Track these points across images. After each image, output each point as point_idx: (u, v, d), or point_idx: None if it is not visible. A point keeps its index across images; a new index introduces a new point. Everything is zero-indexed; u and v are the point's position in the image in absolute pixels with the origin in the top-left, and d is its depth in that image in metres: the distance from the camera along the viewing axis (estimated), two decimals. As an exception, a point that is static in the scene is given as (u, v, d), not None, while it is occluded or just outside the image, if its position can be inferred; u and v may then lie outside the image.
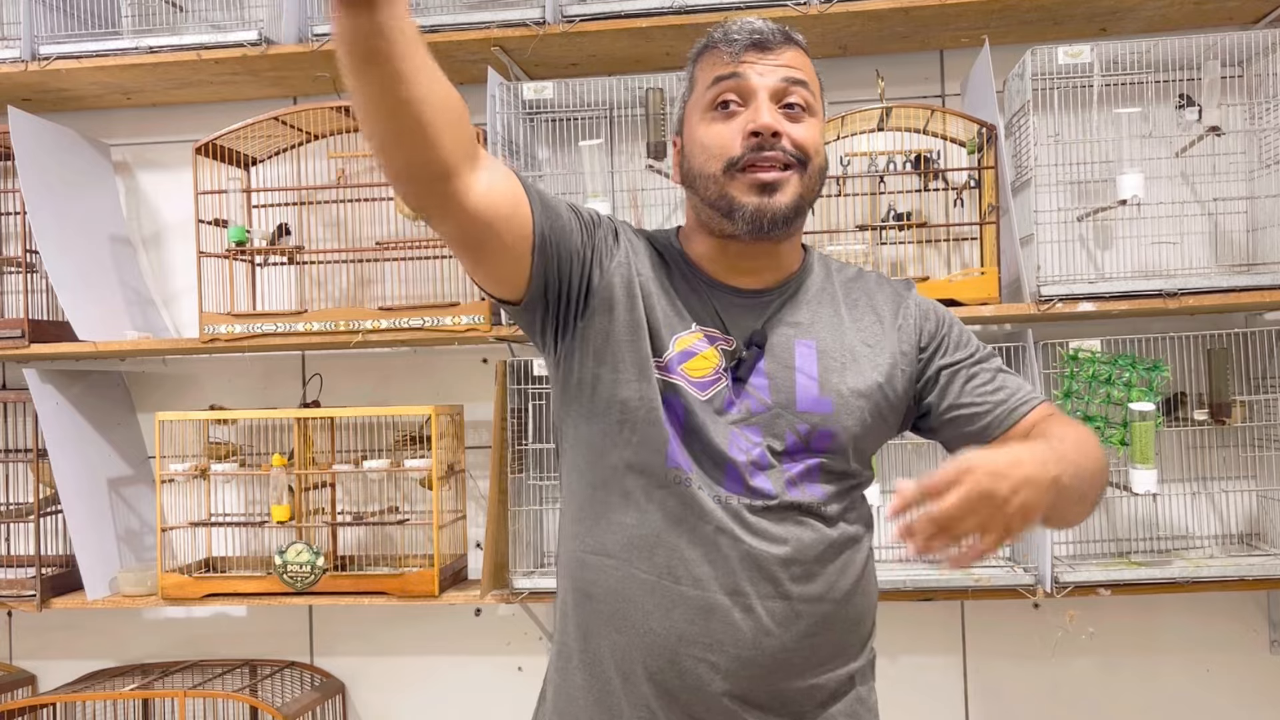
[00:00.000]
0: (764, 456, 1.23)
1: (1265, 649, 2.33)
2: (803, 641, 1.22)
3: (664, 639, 1.21)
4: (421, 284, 2.43)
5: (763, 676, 1.21)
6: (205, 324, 2.28)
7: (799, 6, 2.12)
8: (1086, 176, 2.27)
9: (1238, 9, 2.21)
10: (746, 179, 1.23)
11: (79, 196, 2.46)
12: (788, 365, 1.26)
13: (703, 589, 1.20)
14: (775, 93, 1.25)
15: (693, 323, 1.27)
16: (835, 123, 2.19)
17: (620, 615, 1.23)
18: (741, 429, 1.23)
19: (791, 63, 1.27)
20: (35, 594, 2.32)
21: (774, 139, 1.22)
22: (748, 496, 1.22)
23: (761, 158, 1.22)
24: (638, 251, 1.30)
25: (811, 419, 1.24)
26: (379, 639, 2.54)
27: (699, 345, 1.26)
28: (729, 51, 1.26)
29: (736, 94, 1.25)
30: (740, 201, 1.23)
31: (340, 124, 2.39)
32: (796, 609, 1.21)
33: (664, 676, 1.21)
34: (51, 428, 2.33)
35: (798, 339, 1.28)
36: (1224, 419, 2.19)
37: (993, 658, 2.39)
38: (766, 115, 1.22)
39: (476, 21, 2.20)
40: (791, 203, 1.24)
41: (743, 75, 1.25)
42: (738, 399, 1.24)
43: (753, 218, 1.23)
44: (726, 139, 1.24)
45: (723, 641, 1.20)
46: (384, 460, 2.36)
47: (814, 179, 1.27)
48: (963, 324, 1.37)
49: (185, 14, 2.55)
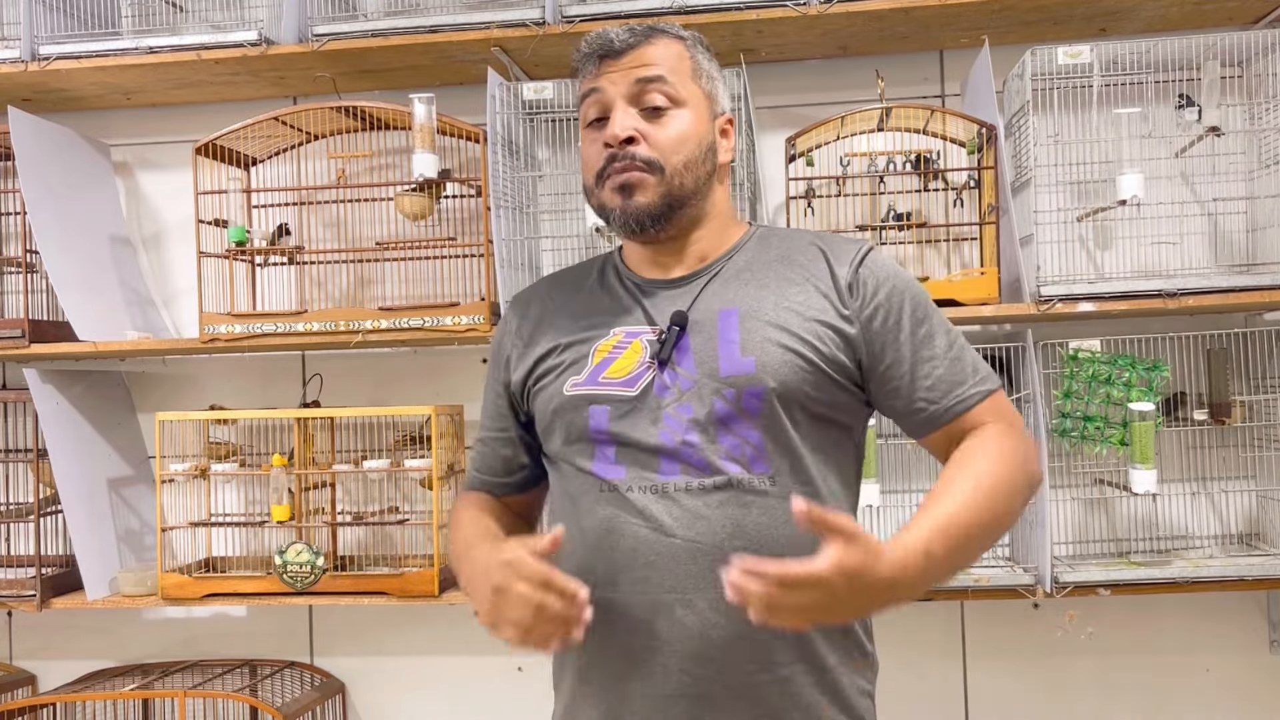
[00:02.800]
0: (692, 433, 1.23)
1: (1265, 649, 2.33)
2: (754, 633, 1.18)
3: (620, 648, 1.24)
4: (421, 284, 2.43)
5: (712, 671, 1.21)
6: (205, 324, 2.28)
7: (799, 6, 2.11)
8: (1086, 176, 2.27)
9: (1238, 9, 2.21)
10: (609, 185, 1.30)
11: (79, 196, 2.46)
12: (711, 336, 1.27)
13: (644, 592, 1.22)
14: (631, 97, 1.30)
15: (612, 327, 1.32)
16: (835, 123, 2.19)
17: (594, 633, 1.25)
18: (675, 409, 1.24)
19: (644, 60, 1.31)
20: (35, 594, 2.32)
21: (625, 145, 1.28)
22: (686, 477, 1.22)
23: (615, 167, 1.29)
24: (522, 324, 1.41)
25: (737, 381, 1.23)
26: (379, 639, 2.54)
27: (620, 346, 1.30)
28: (586, 68, 1.34)
29: (599, 107, 1.32)
30: (609, 207, 1.31)
31: (340, 124, 2.39)
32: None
33: (628, 678, 1.23)
34: (51, 428, 2.33)
35: (720, 309, 1.29)
36: (1224, 419, 2.19)
37: (993, 658, 2.39)
38: (616, 125, 1.29)
39: (476, 22, 2.20)
40: (656, 200, 1.29)
41: (600, 88, 1.32)
42: (670, 382, 1.26)
43: (621, 220, 1.31)
44: (595, 153, 1.32)
45: (668, 640, 1.21)
46: (384, 460, 2.36)
47: (679, 172, 1.30)
48: (921, 293, 1.32)
49: (185, 14, 2.55)
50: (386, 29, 2.23)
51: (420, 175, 2.20)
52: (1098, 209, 2.21)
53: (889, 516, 2.28)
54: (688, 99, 1.31)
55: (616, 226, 1.32)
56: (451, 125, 2.26)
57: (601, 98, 1.31)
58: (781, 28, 2.18)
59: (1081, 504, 2.32)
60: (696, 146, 1.31)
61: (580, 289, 1.40)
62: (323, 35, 2.25)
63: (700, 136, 1.32)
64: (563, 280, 1.45)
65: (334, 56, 2.28)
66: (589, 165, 1.33)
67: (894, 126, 2.26)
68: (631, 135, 1.28)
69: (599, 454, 1.27)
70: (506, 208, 2.21)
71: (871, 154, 2.29)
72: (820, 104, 2.40)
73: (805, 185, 2.26)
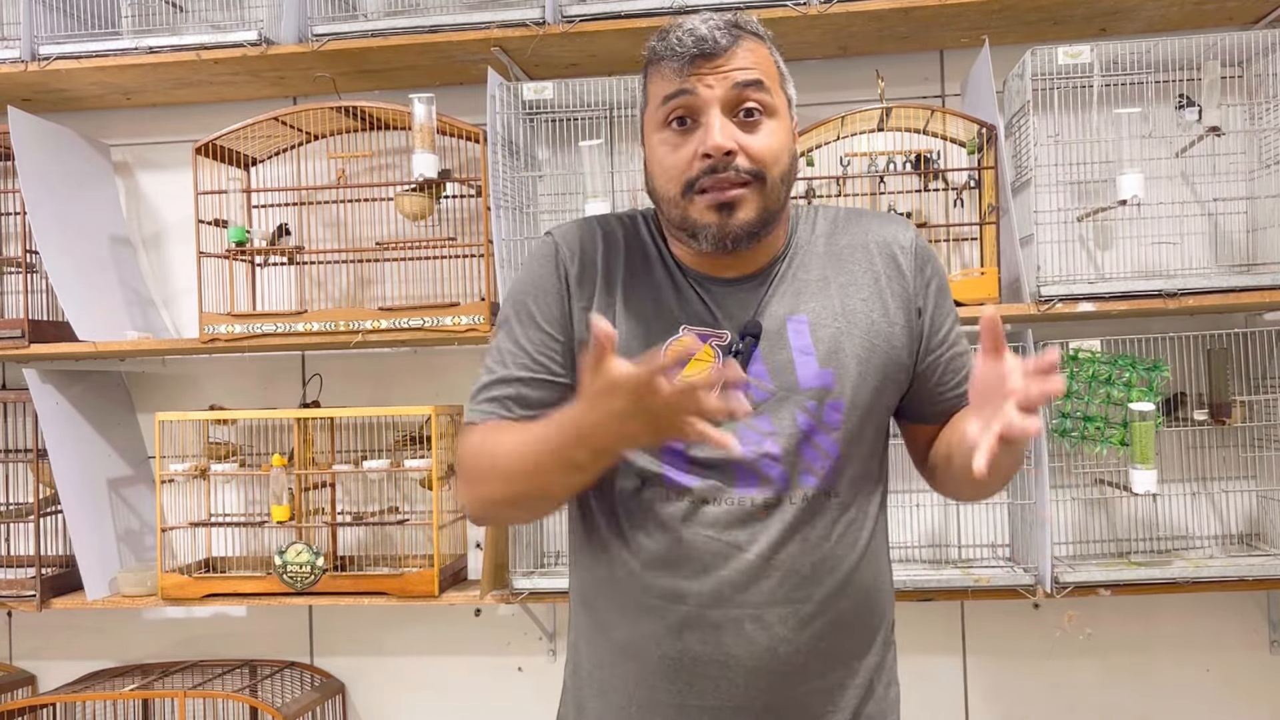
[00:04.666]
0: (773, 445, 1.21)
1: (1265, 649, 2.33)
2: (820, 648, 1.22)
3: (676, 659, 1.22)
4: (421, 284, 2.43)
5: (777, 685, 1.21)
6: (205, 324, 2.28)
7: (799, 6, 2.11)
8: (1086, 176, 2.27)
9: (1238, 9, 2.21)
10: (704, 200, 1.20)
11: (79, 196, 2.46)
12: (783, 347, 1.23)
13: (714, 606, 1.21)
14: (728, 103, 1.20)
15: (681, 324, 1.25)
16: (835, 123, 2.19)
17: (632, 644, 1.25)
18: (752, 420, 1.21)
19: (742, 64, 1.20)
20: (35, 594, 2.32)
21: (727, 158, 1.18)
22: (762, 490, 1.20)
23: (716, 180, 1.19)
24: (578, 277, 1.28)
25: (818, 394, 1.21)
26: (379, 639, 2.54)
27: (690, 347, 1.24)
28: (674, 66, 1.21)
29: (687, 110, 1.21)
30: (701, 223, 1.21)
31: (340, 124, 2.39)
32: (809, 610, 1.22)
33: (678, 692, 1.22)
34: (51, 428, 2.33)
35: (789, 317, 1.25)
36: (1224, 419, 2.19)
37: (993, 658, 2.39)
38: (718, 135, 1.18)
39: (476, 21, 2.20)
40: (755, 217, 1.21)
41: (692, 90, 1.20)
42: (744, 392, 1.20)
43: (716, 238, 1.21)
44: (682, 161, 1.21)
45: (737, 655, 1.20)
46: (384, 460, 2.36)
47: (777, 186, 1.22)
48: (943, 270, 1.33)
49: (185, 14, 2.55)
50: (386, 29, 2.23)
51: (420, 175, 2.20)
52: (1098, 209, 2.21)
53: (888, 517, 2.27)
54: (779, 108, 1.24)
55: (706, 243, 1.22)
56: (451, 125, 2.26)
57: (693, 100, 1.20)
58: (781, 28, 2.17)
59: (1082, 504, 2.32)
60: (790, 158, 1.25)
61: (636, 269, 1.29)
62: (323, 35, 2.25)
63: (791, 147, 1.25)
64: (613, 245, 1.31)
65: (334, 56, 2.28)
66: (672, 173, 1.22)
67: (894, 126, 2.26)
68: (732, 148, 1.18)
69: (666, 460, 1.22)
70: (506, 208, 2.21)
71: (872, 154, 2.29)
72: (820, 104, 2.40)
73: (805, 185, 2.26)
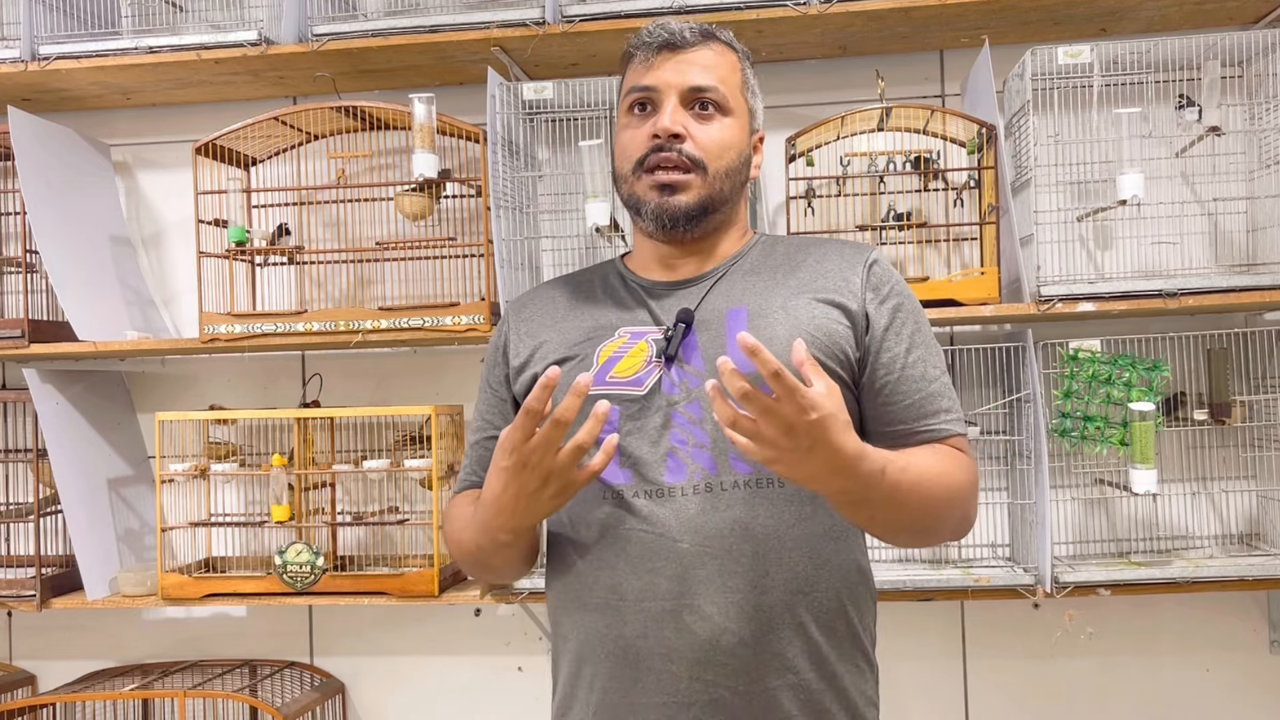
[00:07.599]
0: (703, 434, 1.23)
1: (1265, 649, 2.33)
2: (765, 638, 1.21)
3: (621, 656, 1.23)
4: (421, 284, 2.43)
5: (723, 679, 1.21)
6: (205, 324, 2.28)
7: (799, 6, 2.11)
8: (1086, 176, 2.27)
9: (1238, 9, 2.21)
10: (649, 179, 1.29)
11: (79, 196, 2.46)
12: (719, 334, 1.27)
13: (650, 599, 1.21)
14: (685, 93, 1.30)
15: (617, 328, 1.32)
16: (835, 123, 2.19)
17: (586, 645, 1.27)
18: (685, 407, 1.24)
19: (705, 62, 1.31)
20: (35, 594, 2.32)
21: (673, 140, 1.28)
22: (693, 478, 1.22)
23: (660, 158, 1.28)
24: (521, 323, 1.39)
25: (751, 380, 1.22)
26: (379, 639, 2.54)
27: (625, 346, 1.29)
28: (642, 57, 1.32)
29: (649, 97, 1.31)
30: (644, 200, 1.30)
31: (340, 124, 2.39)
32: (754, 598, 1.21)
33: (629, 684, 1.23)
34: (51, 428, 2.33)
35: (728, 309, 1.29)
36: (1224, 419, 2.19)
37: (993, 658, 2.39)
38: (667, 118, 1.28)
39: (476, 21, 2.20)
40: (694, 202, 1.29)
41: (654, 78, 1.30)
42: (679, 380, 1.26)
43: (655, 215, 1.29)
44: (635, 142, 1.31)
45: (678, 648, 1.21)
46: (384, 460, 2.36)
47: (720, 178, 1.30)
48: (923, 316, 1.34)
49: (185, 14, 2.55)
50: (386, 29, 2.23)
51: (420, 175, 2.20)
52: (1098, 209, 2.21)
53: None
54: (735, 109, 1.33)
55: (647, 220, 1.31)
56: (451, 125, 2.26)
57: (653, 88, 1.31)
58: (781, 28, 2.18)
59: (1081, 504, 2.32)
60: (737, 156, 1.33)
61: (582, 292, 1.40)
62: (322, 35, 2.25)
63: (740, 147, 1.34)
64: (563, 284, 1.44)
65: (334, 56, 2.28)
66: (627, 152, 1.32)
67: (894, 126, 2.26)
68: (679, 132, 1.28)
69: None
70: (506, 208, 2.21)
71: (871, 154, 2.29)
72: (820, 104, 2.40)
73: (805, 185, 2.26)
